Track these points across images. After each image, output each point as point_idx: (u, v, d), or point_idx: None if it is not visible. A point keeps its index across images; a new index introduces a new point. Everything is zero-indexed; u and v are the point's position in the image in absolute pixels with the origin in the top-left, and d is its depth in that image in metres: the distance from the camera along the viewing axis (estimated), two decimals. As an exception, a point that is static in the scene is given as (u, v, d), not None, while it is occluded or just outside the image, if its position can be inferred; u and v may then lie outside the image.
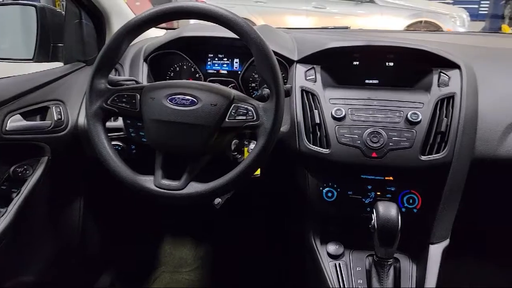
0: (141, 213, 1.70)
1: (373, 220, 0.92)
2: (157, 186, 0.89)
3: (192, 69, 1.27)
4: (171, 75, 1.28)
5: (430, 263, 1.00)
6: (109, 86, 0.93)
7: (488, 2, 9.65)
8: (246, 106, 0.88)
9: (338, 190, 1.06)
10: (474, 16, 8.74)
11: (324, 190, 1.06)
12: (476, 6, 9.86)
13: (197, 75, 1.27)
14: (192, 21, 1.26)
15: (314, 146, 1.04)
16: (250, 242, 1.75)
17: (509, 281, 1.62)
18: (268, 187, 1.30)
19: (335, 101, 1.07)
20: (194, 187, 0.88)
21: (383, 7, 6.28)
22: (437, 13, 6.39)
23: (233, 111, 0.88)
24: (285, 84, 1.06)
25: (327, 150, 1.03)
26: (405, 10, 6.43)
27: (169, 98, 0.89)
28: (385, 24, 5.97)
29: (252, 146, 1.00)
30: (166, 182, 0.89)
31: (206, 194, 0.87)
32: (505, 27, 8.21)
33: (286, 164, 1.12)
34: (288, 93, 0.94)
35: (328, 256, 1.06)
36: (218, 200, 1.03)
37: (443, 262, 1.01)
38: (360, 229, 1.03)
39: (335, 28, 1.65)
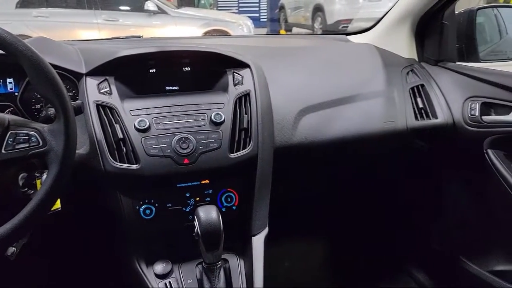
0: None
1: (196, 227, 0.90)
2: None
3: None
4: None
5: (255, 254, 1.03)
6: None
7: (266, 10, 11.04)
8: (27, 132, 0.75)
9: (156, 205, 1.00)
10: (257, 23, 9.83)
11: (141, 209, 0.99)
12: (257, 14, 11.11)
13: None
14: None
15: (121, 164, 0.95)
16: (70, 284, 1.53)
17: (324, 253, 1.86)
18: (75, 218, 1.14)
19: (136, 112, 1.00)
20: None
21: (176, 17, 6.46)
22: (226, 21, 6.94)
23: (10, 139, 0.73)
24: (76, 100, 0.95)
25: (136, 165, 0.95)
26: (197, 20, 6.78)
27: None
28: (181, 34, 6.15)
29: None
30: None
31: None
32: (282, 31, 9.64)
33: (93, 189, 1.00)
34: (79, 110, 0.84)
35: (156, 277, 0.99)
36: (11, 250, 0.84)
37: (266, 250, 1.06)
38: (185, 240, 1.00)
39: (127, 37, 1.57)
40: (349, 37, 1.66)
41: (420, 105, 1.30)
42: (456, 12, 1.41)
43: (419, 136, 1.32)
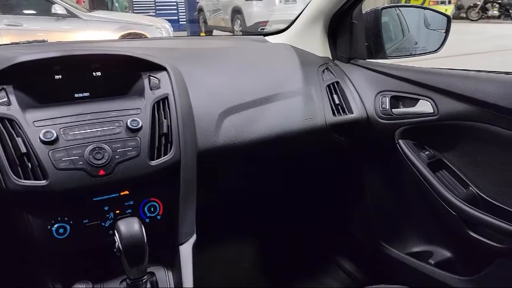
0: None
1: (117, 242, 0.85)
2: None
3: None
4: None
5: (183, 263, 1.00)
6: None
7: (184, 13, 10.91)
8: None
9: (71, 222, 0.92)
10: (176, 26, 9.68)
11: (53, 228, 0.90)
12: (176, 17, 10.94)
13: None
14: None
15: (26, 181, 0.86)
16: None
17: (256, 254, 1.86)
18: None
19: (41, 123, 0.91)
20: None
21: (88, 21, 6.13)
22: (143, 24, 6.73)
23: None
24: None
25: (44, 181, 0.87)
26: (112, 24, 6.49)
27: None
28: (94, 39, 5.85)
29: None
30: None
31: None
32: (202, 34, 9.63)
33: None
34: None
35: None
36: None
37: (197, 257, 1.03)
38: (107, 256, 0.93)
39: (28, 42, 1.44)
40: (266, 37, 1.68)
41: (337, 101, 1.36)
42: (364, 12, 1.48)
43: (338, 132, 1.37)
